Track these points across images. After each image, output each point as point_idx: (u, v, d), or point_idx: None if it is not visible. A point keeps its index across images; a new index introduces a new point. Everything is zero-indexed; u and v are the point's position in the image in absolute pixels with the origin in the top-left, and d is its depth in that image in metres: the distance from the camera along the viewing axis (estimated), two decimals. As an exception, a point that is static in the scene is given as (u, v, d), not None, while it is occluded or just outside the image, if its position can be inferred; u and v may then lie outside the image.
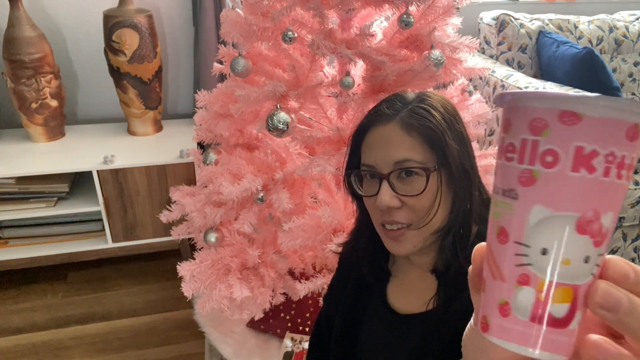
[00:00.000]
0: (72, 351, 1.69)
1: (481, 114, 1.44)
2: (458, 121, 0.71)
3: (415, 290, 0.78)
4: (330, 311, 0.92)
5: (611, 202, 0.24)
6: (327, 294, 0.95)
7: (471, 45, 1.30)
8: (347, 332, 0.86)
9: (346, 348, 0.85)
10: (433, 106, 0.70)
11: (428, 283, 0.75)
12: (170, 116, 2.29)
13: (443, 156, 0.68)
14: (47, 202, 1.86)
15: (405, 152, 0.68)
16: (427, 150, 0.68)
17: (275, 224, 1.44)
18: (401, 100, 0.72)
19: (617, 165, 0.24)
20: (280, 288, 1.47)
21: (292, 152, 1.36)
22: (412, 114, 0.69)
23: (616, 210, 0.25)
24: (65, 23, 2.02)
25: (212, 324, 1.65)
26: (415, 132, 0.68)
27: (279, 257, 1.47)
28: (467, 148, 0.71)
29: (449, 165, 0.68)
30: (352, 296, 0.86)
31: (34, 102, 1.87)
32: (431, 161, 0.68)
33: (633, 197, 1.77)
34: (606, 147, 0.24)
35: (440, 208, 0.69)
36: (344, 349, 0.85)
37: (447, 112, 0.71)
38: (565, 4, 2.61)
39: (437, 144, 0.67)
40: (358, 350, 0.84)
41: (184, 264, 1.42)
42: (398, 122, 0.69)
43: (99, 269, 2.08)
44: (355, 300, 0.85)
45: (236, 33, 1.27)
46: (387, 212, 0.70)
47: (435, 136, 0.68)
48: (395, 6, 1.21)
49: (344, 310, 0.87)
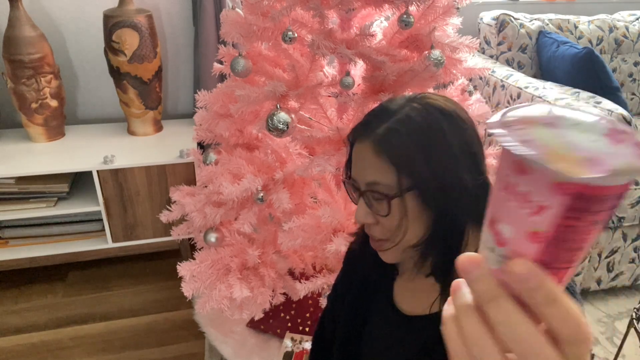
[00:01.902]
0: (72, 351, 1.69)
1: (481, 114, 1.44)
2: (445, 134, 0.67)
3: (420, 291, 0.77)
4: (334, 310, 0.92)
5: (507, 216, 0.29)
6: (331, 293, 0.95)
7: (471, 45, 1.30)
8: (351, 331, 0.85)
9: (350, 347, 0.85)
10: (410, 125, 0.67)
11: (432, 284, 0.75)
12: (170, 116, 2.29)
13: (411, 181, 0.66)
14: (47, 202, 1.86)
15: (374, 175, 0.68)
16: (395, 174, 0.66)
17: (275, 224, 1.44)
18: (383, 114, 0.70)
19: (511, 189, 0.28)
20: (280, 288, 1.47)
21: (292, 152, 1.36)
22: (385, 135, 0.67)
23: (512, 223, 0.29)
24: (65, 23, 2.02)
25: (212, 324, 1.65)
26: (384, 155, 0.66)
27: (279, 257, 1.47)
28: (452, 164, 0.67)
29: (420, 188, 0.66)
30: (356, 295, 0.86)
31: (34, 102, 1.87)
32: (399, 184, 0.67)
33: (633, 197, 1.77)
34: (505, 174, 0.29)
35: (414, 227, 0.68)
36: (348, 349, 0.85)
37: (428, 129, 0.67)
38: (565, 4, 2.61)
39: (404, 169, 0.66)
40: (362, 350, 0.84)
41: (184, 264, 1.42)
42: (372, 141, 0.68)
43: (99, 269, 2.08)
44: (360, 299, 0.85)
45: (236, 33, 1.27)
46: (367, 225, 0.72)
47: (403, 161, 0.66)
48: (395, 6, 1.21)
49: (348, 310, 0.86)
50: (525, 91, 1.92)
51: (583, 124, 0.28)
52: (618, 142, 0.26)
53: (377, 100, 1.23)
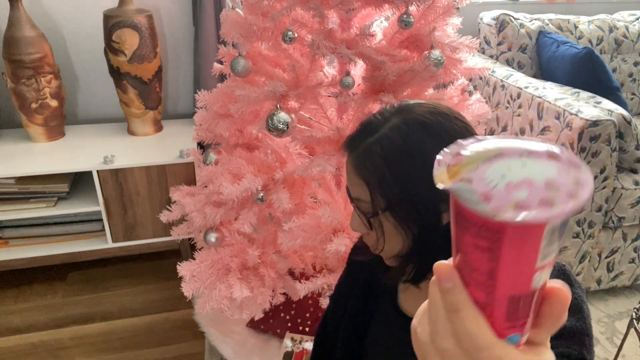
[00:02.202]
0: (72, 351, 1.69)
1: (481, 114, 1.44)
2: (424, 153, 0.65)
3: (424, 294, 0.77)
4: (337, 311, 0.92)
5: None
6: (334, 293, 0.95)
7: (471, 45, 1.30)
8: (354, 333, 0.85)
9: (353, 348, 0.85)
10: (385, 146, 0.66)
11: None
12: (170, 116, 2.29)
13: (384, 202, 0.67)
14: (47, 202, 1.86)
15: (356, 192, 0.70)
16: (369, 195, 0.68)
17: (275, 224, 1.44)
18: (367, 129, 0.70)
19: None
20: (280, 288, 1.48)
21: (292, 152, 1.36)
22: (361, 154, 0.68)
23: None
24: (65, 23, 2.02)
25: (212, 324, 1.65)
26: (361, 175, 0.68)
27: (279, 257, 1.47)
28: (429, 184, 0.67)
29: (393, 209, 0.67)
30: (360, 297, 0.85)
31: (34, 102, 1.87)
32: (373, 205, 0.68)
33: (633, 197, 1.77)
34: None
35: (391, 242, 0.70)
36: (351, 349, 0.85)
37: (403, 150, 0.66)
38: (565, 4, 2.61)
39: (376, 191, 0.67)
40: (366, 350, 0.83)
41: (184, 264, 1.42)
42: (353, 159, 0.69)
43: (99, 269, 2.08)
44: (364, 301, 0.85)
45: (236, 33, 1.27)
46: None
47: (374, 183, 0.67)
48: (395, 6, 1.21)
49: (351, 311, 0.86)
50: (525, 91, 1.92)
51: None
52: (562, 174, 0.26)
53: (377, 100, 1.23)
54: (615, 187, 1.75)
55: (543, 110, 1.81)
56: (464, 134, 0.68)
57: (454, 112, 0.70)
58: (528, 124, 1.90)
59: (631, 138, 1.71)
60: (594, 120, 1.61)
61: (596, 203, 1.74)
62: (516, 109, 1.98)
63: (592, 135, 1.62)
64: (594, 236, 1.81)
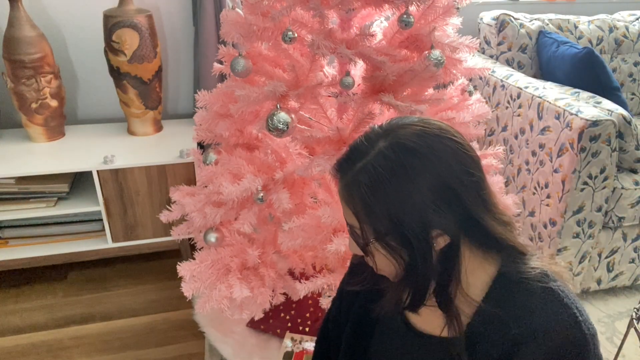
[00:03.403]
0: (72, 351, 1.69)
1: (481, 114, 1.44)
2: (412, 179, 0.62)
3: (429, 308, 0.75)
4: (339, 316, 0.91)
5: None
6: (337, 297, 0.93)
7: (471, 45, 1.31)
8: (357, 341, 0.84)
9: (357, 354, 0.84)
10: (372, 176, 0.64)
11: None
12: (170, 116, 2.29)
13: (373, 232, 0.66)
14: (47, 202, 1.86)
15: (348, 218, 0.70)
16: (359, 224, 0.68)
17: (275, 224, 1.44)
18: (355, 154, 0.68)
19: None
20: (280, 288, 1.47)
21: (292, 152, 1.36)
22: (349, 184, 0.66)
23: None
24: (65, 23, 2.02)
25: (212, 324, 1.65)
26: (349, 205, 0.68)
27: (279, 257, 1.47)
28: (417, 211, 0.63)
29: (382, 239, 0.66)
30: (363, 303, 0.84)
31: (34, 102, 1.87)
32: (364, 234, 0.68)
33: (633, 197, 1.77)
34: None
35: (384, 267, 0.70)
36: (354, 355, 0.84)
37: (390, 179, 0.63)
38: (565, 4, 2.61)
39: (365, 221, 0.66)
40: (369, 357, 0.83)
41: (184, 264, 1.42)
42: (342, 186, 0.68)
43: (99, 269, 2.08)
44: (368, 308, 0.84)
45: (236, 33, 1.27)
46: None
47: (363, 214, 0.66)
48: (395, 6, 1.21)
49: (355, 318, 0.85)
50: (525, 91, 1.92)
51: None
52: None
53: (377, 100, 1.23)
54: (615, 187, 1.75)
55: (543, 110, 1.81)
56: (457, 155, 0.65)
57: (446, 132, 0.67)
58: (528, 124, 1.90)
59: (631, 138, 1.71)
60: (594, 120, 1.61)
61: (596, 203, 1.74)
62: (516, 109, 1.98)
63: (592, 135, 1.62)
64: (594, 236, 1.81)
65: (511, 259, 0.71)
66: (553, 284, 0.69)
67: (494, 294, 0.70)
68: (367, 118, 1.20)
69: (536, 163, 1.87)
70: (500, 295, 0.70)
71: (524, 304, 0.68)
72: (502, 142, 2.09)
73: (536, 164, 1.87)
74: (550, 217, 1.80)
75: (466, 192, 0.65)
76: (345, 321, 0.88)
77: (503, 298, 0.69)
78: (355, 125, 1.23)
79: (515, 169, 2.00)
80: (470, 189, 0.66)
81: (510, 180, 2.04)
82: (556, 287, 0.69)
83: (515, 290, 0.69)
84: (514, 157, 2.01)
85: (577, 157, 1.65)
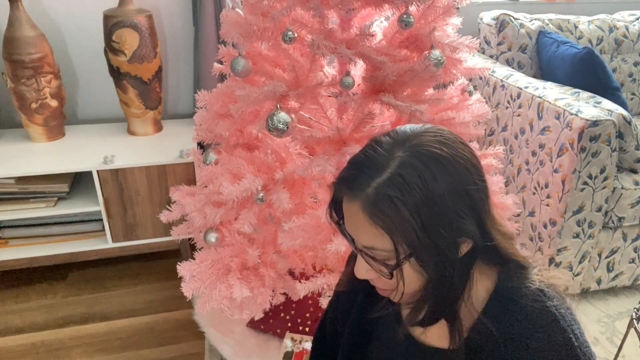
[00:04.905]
0: (72, 351, 1.69)
1: (481, 114, 1.44)
2: (439, 187, 0.60)
3: None
4: (337, 320, 0.89)
5: None
6: (334, 299, 0.92)
7: (471, 45, 1.30)
8: (356, 345, 0.83)
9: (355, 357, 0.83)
10: (402, 188, 0.60)
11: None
12: (170, 116, 2.29)
13: (409, 249, 0.62)
14: (47, 202, 1.86)
15: (370, 240, 0.63)
16: (391, 243, 0.62)
17: (275, 224, 1.43)
18: (370, 167, 0.63)
19: None
20: (280, 288, 1.47)
21: (292, 152, 1.36)
22: (376, 200, 0.61)
23: None
24: (65, 23, 2.02)
25: (212, 324, 1.65)
26: (378, 222, 0.61)
27: (279, 257, 1.47)
28: (447, 220, 0.61)
29: (418, 255, 0.63)
30: (361, 307, 0.83)
31: (34, 102, 1.87)
32: (397, 253, 0.63)
33: (633, 197, 1.77)
34: None
35: (411, 285, 0.66)
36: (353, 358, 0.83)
37: (421, 188, 0.60)
38: (565, 4, 2.61)
39: (400, 238, 0.61)
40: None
41: (184, 264, 1.42)
42: (362, 204, 0.62)
43: (99, 269, 2.08)
44: (365, 312, 0.82)
45: (236, 33, 1.27)
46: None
47: (399, 230, 0.61)
48: (395, 6, 1.21)
49: (353, 322, 0.84)
50: (525, 91, 1.92)
51: None
52: None
53: (377, 100, 1.23)
54: (615, 187, 1.75)
55: (543, 110, 1.81)
56: (472, 160, 0.64)
57: (457, 137, 0.66)
58: (528, 124, 1.90)
59: (631, 138, 1.71)
60: (594, 120, 1.61)
61: (596, 203, 1.74)
62: (516, 109, 1.98)
63: (592, 135, 1.62)
64: (594, 236, 1.81)
65: (510, 274, 0.70)
66: (549, 303, 0.67)
67: (491, 309, 0.69)
68: (367, 118, 1.20)
69: (536, 163, 1.87)
70: (497, 312, 0.69)
71: (519, 326, 0.66)
72: (502, 142, 2.09)
73: (536, 164, 1.87)
74: (550, 217, 1.80)
75: (480, 198, 0.64)
76: (344, 323, 0.87)
77: (499, 315, 0.68)
78: (355, 125, 1.23)
79: (515, 169, 2.00)
80: (483, 195, 0.65)
81: (510, 180, 2.04)
82: (553, 307, 0.67)
83: (512, 309, 0.68)
84: (514, 157, 2.01)
85: (577, 157, 1.65)
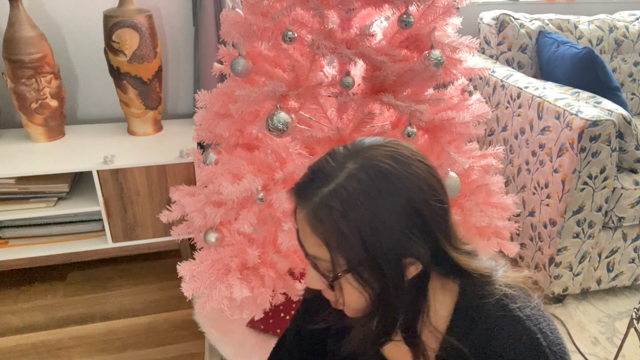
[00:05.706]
0: (72, 351, 1.69)
1: (481, 114, 1.44)
2: (386, 202, 0.58)
3: (396, 343, 0.72)
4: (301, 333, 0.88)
5: None
6: (301, 309, 0.90)
7: (471, 45, 1.30)
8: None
9: None
10: (344, 200, 0.59)
11: None
12: (170, 116, 2.29)
13: (346, 263, 0.61)
14: (47, 202, 1.86)
15: (313, 249, 0.63)
16: (329, 255, 0.61)
17: (275, 224, 1.43)
18: (320, 176, 0.62)
19: None
20: (280, 288, 1.47)
21: (292, 152, 1.36)
22: (318, 209, 0.60)
23: None
24: (65, 23, 2.02)
25: (212, 324, 1.65)
26: (317, 233, 0.61)
27: (279, 257, 1.47)
28: (390, 236, 0.59)
29: (355, 270, 0.61)
30: (335, 341, 0.82)
31: (34, 102, 1.87)
32: (334, 266, 0.62)
33: (633, 197, 1.77)
34: None
35: (353, 300, 0.65)
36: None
37: (364, 202, 0.58)
38: (565, 4, 2.61)
39: (337, 251, 0.60)
40: None
41: (184, 264, 1.42)
42: (307, 213, 0.61)
43: (99, 269, 2.08)
44: (339, 344, 0.81)
45: (236, 33, 1.27)
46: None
47: (335, 243, 0.60)
48: (395, 6, 1.21)
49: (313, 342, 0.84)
50: (525, 91, 1.92)
51: None
52: None
53: (377, 100, 1.23)
54: (615, 187, 1.75)
55: (543, 110, 1.81)
56: (428, 179, 0.62)
57: (416, 154, 0.64)
58: (528, 124, 1.90)
59: (631, 138, 1.72)
60: (594, 120, 1.61)
61: (596, 203, 1.74)
62: (516, 109, 1.98)
63: (592, 135, 1.62)
64: (594, 236, 1.81)
65: (470, 286, 0.68)
66: (513, 305, 0.65)
67: (455, 325, 0.68)
68: (367, 118, 1.20)
69: (536, 163, 1.87)
70: (462, 327, 0.67)
71: (485, 336, 0.65)
72: (502, 142, 2.09)
73: (536, 164, 1.87)
74: (550, 217, 1.80)
75: (434, 219, 0.62)
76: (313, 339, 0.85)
77: (464, 330, 0.67)
78: (355, 125, 1.23)
79: (515, 169, 2.00)
80: (439, 216, 0.63)
81: (510, 180, 2.04)
82: (517, 309, 0.65)
83: (476, 320, 0.66)
84: (514, 157, 2.01)
85: (577, 157, 1.65)
